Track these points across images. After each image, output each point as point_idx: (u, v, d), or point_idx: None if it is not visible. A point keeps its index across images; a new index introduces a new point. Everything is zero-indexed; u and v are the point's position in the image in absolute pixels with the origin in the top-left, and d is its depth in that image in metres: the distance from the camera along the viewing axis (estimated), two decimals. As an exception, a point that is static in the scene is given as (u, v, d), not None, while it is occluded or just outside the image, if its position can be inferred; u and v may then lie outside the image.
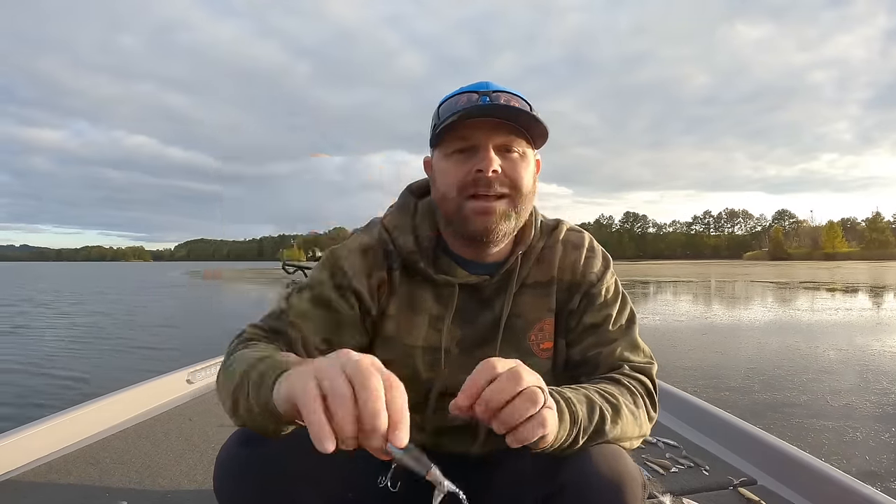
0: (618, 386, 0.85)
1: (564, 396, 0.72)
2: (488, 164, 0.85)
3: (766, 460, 1.70)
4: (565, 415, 0.69)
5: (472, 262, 0.96)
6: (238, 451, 0.77)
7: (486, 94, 0.87)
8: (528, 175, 0.90)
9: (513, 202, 0.88)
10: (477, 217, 0.87)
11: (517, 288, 0.97)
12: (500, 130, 0.86)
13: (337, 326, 0.91)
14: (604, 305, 0.97)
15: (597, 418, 0.74)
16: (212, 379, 2.81)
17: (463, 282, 0.94)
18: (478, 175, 0.85)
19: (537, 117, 0.86)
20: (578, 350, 0.96)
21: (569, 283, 0.98)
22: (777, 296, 15.72)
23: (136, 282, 32.17)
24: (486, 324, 0.96)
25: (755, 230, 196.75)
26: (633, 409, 0.82)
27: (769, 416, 3.85)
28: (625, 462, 0.76)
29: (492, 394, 0.60)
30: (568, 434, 0.70)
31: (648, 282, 25.42)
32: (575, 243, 1.01)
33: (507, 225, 0.89)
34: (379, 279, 0.94)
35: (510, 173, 0.87)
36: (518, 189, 0.88)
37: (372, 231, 0.98)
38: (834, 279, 25.59)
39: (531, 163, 0.91)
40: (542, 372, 0.89)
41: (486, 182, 0.85)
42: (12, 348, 7.67)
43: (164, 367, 3.16)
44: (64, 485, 1.61)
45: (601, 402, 0.77)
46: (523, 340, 0.96)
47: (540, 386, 0.63)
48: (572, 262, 0.99)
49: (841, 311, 11.07)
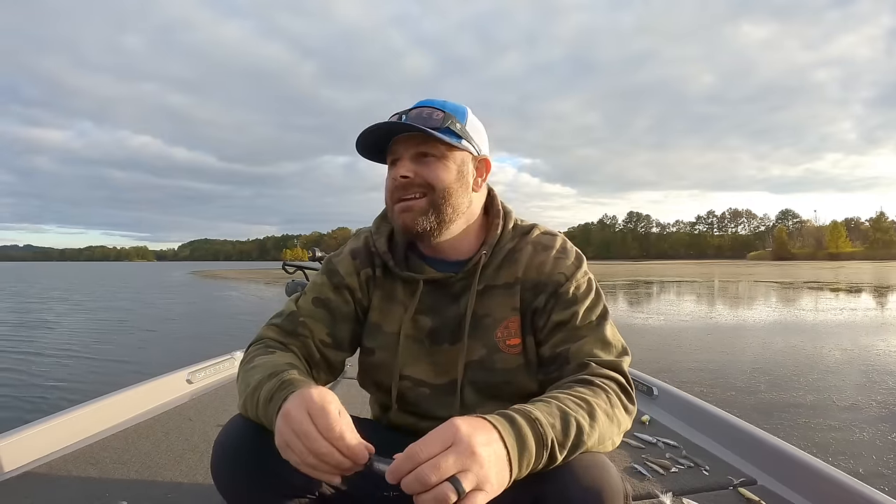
0: (590, 387, 0.86)
1: (532, 418, 0.72)
2: (397, 171, 1.00)
3: (766, 460, 1.69)
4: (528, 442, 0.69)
5: (439, 261, 1.08)
6: (235, 435, 0.86)
7: (406, 111, 1.00)
8: (446, 173, 1.00)
9: (430, 200, 1.00)
10: (400, 215, 1.01)
11: (483, 287, 1.05)
12: (415, 140, 0.99)
13: (336, 322, 1.07)
14: (571, 303, 1.00)
15: (573, 431, 0.75)
16: (212, 379, 2.84)
17: (427, 277, 1.05)
18: (395, 182, 1.00)
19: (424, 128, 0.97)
20: (548, 347, 1.00)
21: (534, 282, 1.04)
22: (781, 296, 15.68)
23: (145, 281, 32.31)
24: (453, 318, 1.06)
25: (759, 230, 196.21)
26: (607, 409, 0.83)
27: (776, 415, 3.85)
28: (607, 474, 0.76)
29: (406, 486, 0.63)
30: (537, 458, 0.70)
31: (652, 282, 25.39)
32: (545, 245, 1.07)
33: (427, 220, 1.00)
34: (366, 275, 1.10)
35: (423, 174, 0.99)
36: (431, 186, 0.99)
37: (360, 238, 1.15)
38: (838, 279, 25.52)
39: (453, 163, 1.02)
40: (513, 367, 1.01)
41: (401, 186, 1.00)
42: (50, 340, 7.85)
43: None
44: (64, 485, 1.61)
45: (575, 412, 0.77)
46: (490, 337, 1.04)
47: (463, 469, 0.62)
48: (539, 263, 1.05)
49: (846, 311, 11.05)
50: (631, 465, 1.76)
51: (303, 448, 0.69)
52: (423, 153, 1.00)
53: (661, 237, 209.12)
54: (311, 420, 0.70)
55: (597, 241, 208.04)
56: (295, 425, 0.70)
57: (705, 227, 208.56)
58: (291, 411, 0.71)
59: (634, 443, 1.95)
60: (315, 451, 0.69)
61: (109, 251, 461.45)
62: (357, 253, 1.12)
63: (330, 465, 0.69)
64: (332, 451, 0.69)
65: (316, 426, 0.69)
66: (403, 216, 1.00)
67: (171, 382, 2.58)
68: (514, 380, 1.03)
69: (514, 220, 1.11)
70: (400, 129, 0.99)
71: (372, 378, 1.12)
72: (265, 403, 0.81)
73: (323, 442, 0.68)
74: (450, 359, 1.05)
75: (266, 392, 0.82)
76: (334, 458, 0.69)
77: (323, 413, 0.70)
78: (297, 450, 0.70)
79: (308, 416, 0.70)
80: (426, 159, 0.99)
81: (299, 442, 0.69)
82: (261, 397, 0.82)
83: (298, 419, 0.70)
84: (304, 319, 1.05)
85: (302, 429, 0.69)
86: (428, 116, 0.99)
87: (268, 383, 0.83)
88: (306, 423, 0.69)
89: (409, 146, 1.00)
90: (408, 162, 0.99)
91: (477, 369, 1.04)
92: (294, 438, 0.70)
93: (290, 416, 0.71)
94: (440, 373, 1.06)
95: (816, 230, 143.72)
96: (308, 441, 0.69)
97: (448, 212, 1.01)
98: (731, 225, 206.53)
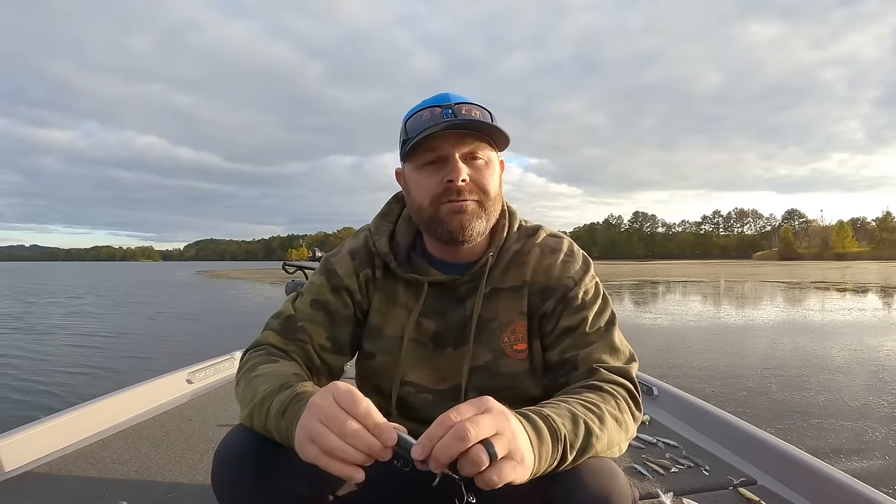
0: (599, 393, 0.85)
1: (544, 415, 0.71)
2: (457, 174, 0.92)
3: (766, 460, 1.69)
4: (544, 436, 0.68)
5: (446, 263, 1.04)
6: (237, 446, 0.83)
7: (449, 107, 0.93)
8: (494, 179, 0.97)
9: (482, 205, 0.96)
10: (452, 216, 0.94)
11: (489, 290, 1.01)
12: (464, 140, 0.93)
13: (335, 324, 1.03)
14: (580, 308, 0.98)
15: (583, 432, 0.73)
16: (211, 379, 2.84)
17: (432, 280, 1.01)
18: (448, 185, 0.93)
19: (498, 126, 0.93)
20: (556, 352, 0.97)
21: (542, 286, 1.01)
22: (788, 296, 15.60)
23: (151, 280, 32.49)
24: (458, 321, 1.02)
25: (765, 230, 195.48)
26: (616, 414, 0.82)
27: (789, 416, 3.83)
28: (616, 480, 0.75)
29: (439, 450, 0.60)
30: (553, 454, 0.69)
31: (658, 282, 25.31)
32: (552, 248, 1.04)
33: (480, 224, 0.96)
34: (365, 276, 1.05)
35: (477, 180, 0.94)
36: (486, 193, 0.96)
37: (359, 237, 1.10)
38: (845, 279, 25.37)
39: (496, 167, 0.99)
40: (518, 371, 0.98)
41: (457, 190, 0.93)
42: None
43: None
44: (64, 485, 1.62)
45: (585, 415, 0.76)
46: (497, 341, 1.00)
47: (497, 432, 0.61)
48: (546, 267, 1.02)
49: (854, 312, 10.97)
50: (631, 465, 1.75)
51: (329, 434, 0.64)
52: (472, 155, 0.95)
53: (666, 237, 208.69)
54: (337, 404, 0.66)
55: (602, 240, 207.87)
56: (321, 413, 0.66)
57: (711, 227, 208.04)
58: (317, 401, 0.67)
59: (634, 443, 1.94)
60: (343, 432, 0.64)
61: (115, 251, 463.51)
62: (356, 253, 1.07)
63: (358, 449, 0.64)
64: (361, 428, 0.64)
65: (342, 408, 0.65)
66: (459, 217, 0.94)
67: (171, 382, 2.59)
68: (518, 385, 1.00)
69: (520, 221, 1.08)
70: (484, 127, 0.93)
71: (372, 383, 1.08)
72: (277, 416, 0.77)
73: (351, 421, 0.64)
74: (453, 363, 1.02)
75: (278, 404, 0.78)
76: (362, 437, 0.63)
77: (349, 394, 0.66)
78: (323, 438, 0.65)
79: (334, 400, 0.66)
80: (475, 162, 0.95)
81: (326, 429, 0.65)
82: (272, 409, 0.78)
83: (325, 406, 0.66)
84: (302, 324, 1.01)
85: (329, 412, 0.65)
86: (481, 115, 0.94)
87: (280, 395, 0.79)
88: (333, 407, 0.65)
89: (459, 146, 0.93)
90: (461, 163, 0.93)
91: (482, 374, 1.01)
92: (320, 427, 0.65)
93: (315, 406, 0.67)
94: (443, 378, 1.03)
95: (822, 230, 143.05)
96: (335, 423, 0.64)
97: (491, 219, 0.99)
98: (737, 225, 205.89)
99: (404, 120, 0.99)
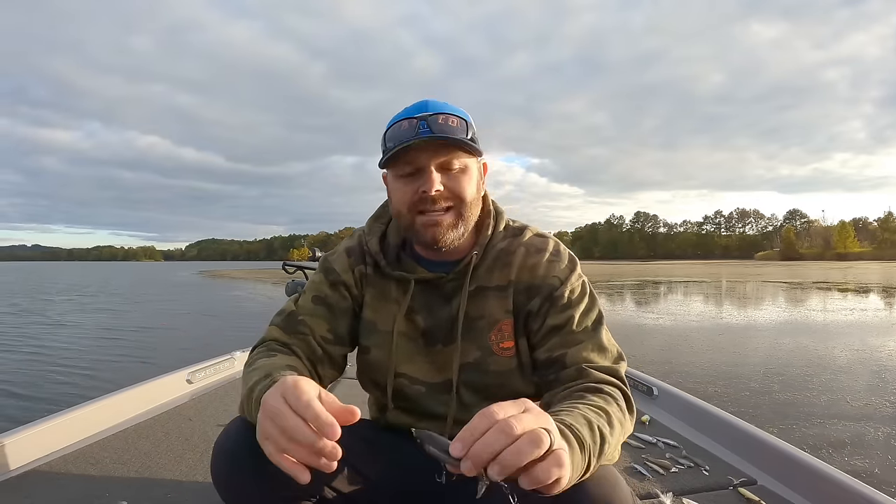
0: (600, 395, 0.85)
1: (567, 423, 0.69)
2: (430, 186, 0.95)
3: (766, 460, 1.69)
4: (574, 444, 0.66)
5: (432, 262, 1.08)
6: (234, 439, 0.85)
7: (424, 118, 0.95)
8: (471, 185, 1.00)
9: (458, 212, 0.99)
10: (426, 229, 0.98)
11: (475, 288, 1.04)
12: (440, 151, 0.96)
13: (335, 317, 1.08)
14: (567, 307, 0.99)
15: (598, 439, 0.72)
16: (212, 379, 2.85)
17: (419, 277, 1.05)
18: (423, 195, 0.96)
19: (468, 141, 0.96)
20: (543, 350, 0.98)
21: (527, 285, 1.03)
22: (790, 296, 15.58)
23: (153, 280, 32.57)
24: (446, 318, 1.05)
25: (766, 230, 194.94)
26: (620, 417, 0.82)
27: (792, 416, 3.83)
28: (620, 489, 0.75)
29: (480, 447, 0.56)
30: (581, 462, 0.67)
31: (660, 282, 25.29)
32: (538, 247, 1.06)
33: (454, 233, 1.00)
34: (360, 272, 1.11)
35: (452, 188, 0.98)
36: (462, 199, 0.99)
37: (354, 237, 1.16)
38: (847, 279, 25.33)
39: (473, 172, 1.01)
40: (506, 369, 1.01)
41: (431, 200, 0.96)
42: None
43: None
44: (64, 485, 1.62)
45: (597, 421, 0.75)
46: (484, 339, 1.03)
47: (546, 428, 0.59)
48: (532, 266, 1.04)
49: (856, 312, 10.96)
50: (631, 465, 1.75)
51: (276, 431, 0.63)
52: (448, 164, 0.97)
53: (668, 237, 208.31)
54: (283, 399, 0.64)
55: (604, 241, 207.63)
56: (270, 410, 0.65)
57: (713, 227, 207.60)
58: (267, 397, 0.67)
59: (634, 443, 1.94)
60: (284, 428, 0.62)
61: (117, 251, 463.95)
62: (352, 251, 1.12)
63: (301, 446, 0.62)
64: (300, 423, 0.61)
65: (288, 403, 0.63)
66: (432, 231, 0.98)
67: (171, 382, 2.59)
68: (508, 382, 1.02)
69: (506, 221, 1.10)
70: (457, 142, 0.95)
71: (369, 376, 1.12)
72: (257, 404, 0.76)
73: (291, 415, 0.62)
74: (445, 359, 1.05)
75: (258, 392, 0.78)
76: (300, 432, 0.61)
77: (293, 388, 0.64)
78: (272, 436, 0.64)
79: (281, 396, 0.65)
80: (451, 171, 0.97)
81: (273, 425, 0.64)
82: (254, 398, 0.79)
83: (272, 402, 0.65)
84: (304, 318, 1.05)
85: (274, 408, 0.64)
86: (455, 126, 0.96)
87: (262, 384, 0.80)
88: (279, 403, 0.64)
89: (434, 156, 0.96)
90: (436, 174, 0.96)
91: (471, 371, 1.03)
92: (268, 424, 0.64)
93: (265, 403, 0.67)
94: (435, 371, 1.06)
95: (824, 230, 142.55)
96: (279, 419, 0.63)
97: (469, 222, 1.02)
98: (739, 225, 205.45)
99: (386, 128, 1.01)
